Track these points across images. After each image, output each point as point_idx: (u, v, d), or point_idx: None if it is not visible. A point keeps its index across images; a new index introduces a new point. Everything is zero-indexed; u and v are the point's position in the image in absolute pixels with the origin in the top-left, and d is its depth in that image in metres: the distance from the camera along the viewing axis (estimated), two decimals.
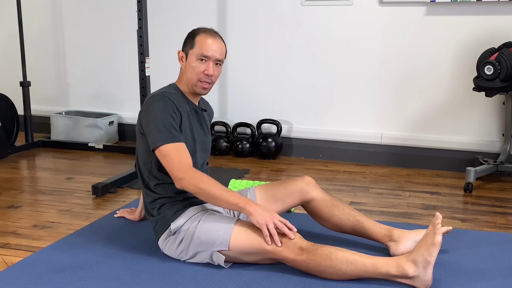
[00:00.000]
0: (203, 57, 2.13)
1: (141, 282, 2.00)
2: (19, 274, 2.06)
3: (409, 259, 1.92)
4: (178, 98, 2.17)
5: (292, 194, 2.28)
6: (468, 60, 3.59)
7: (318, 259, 1.95)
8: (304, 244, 1.98)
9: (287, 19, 3.96)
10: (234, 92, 4.19)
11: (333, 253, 1.95)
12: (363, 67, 3.85)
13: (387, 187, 3.33)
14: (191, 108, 2.22)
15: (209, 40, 2.14)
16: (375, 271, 1.93)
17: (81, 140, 4.26)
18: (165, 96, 2.13)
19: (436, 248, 1.87)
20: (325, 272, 1.96)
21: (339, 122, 3.97)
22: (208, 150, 2.33)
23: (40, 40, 4.61)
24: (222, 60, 2.19)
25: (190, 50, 2.16)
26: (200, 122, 2.28)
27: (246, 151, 4.03)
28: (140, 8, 3.29)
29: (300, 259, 1.97)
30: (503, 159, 3.41)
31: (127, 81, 4.39)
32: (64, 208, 2.86)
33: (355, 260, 1.94)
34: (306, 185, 2.28)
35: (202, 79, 2.15)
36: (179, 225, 2.10)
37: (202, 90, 2.18)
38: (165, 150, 2.05)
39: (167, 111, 2.09)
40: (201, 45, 2.14)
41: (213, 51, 2.14)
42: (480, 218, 2.80)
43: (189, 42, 2.18)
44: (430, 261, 1.89)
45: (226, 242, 2.03)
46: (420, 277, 1.91)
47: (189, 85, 2.19)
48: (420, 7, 3.66)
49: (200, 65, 2.14)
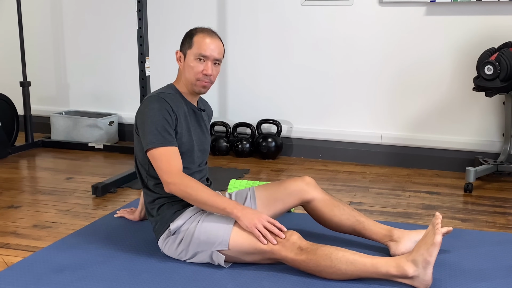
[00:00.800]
0: (201, 57, 2.13)
1: (141, 282, 2.00)
2: (19, 274, 2.06)
3: (409, 259, 1.92)
4: (175, 99, 2.17)
5: (292, 195, 2.28)
6: (468, 60, 3.59)
7: (317, 259, 1.95)
8: (304, 244, 1.98)
9: (287, 19, 3.96)
10: (234, 92, 4.19)
11: (333, 253, 1.95)
12: (363, 67, 3.85)
13: (387, 187, 3.33)
14: (189, 108, 2.22)
15: (207, 40, 2.14)
16: (374, 271, 1.93)
17: (81, 140, 4.26)
18: (161, 97, 2.13)
19: (436, 248, 1.87)
20: (325, 272, 1.96)
21: (339, 122, 3.97)
22: (206, 150, 2.33)
23: (40, 40, 4.61)
24: (221, 60, 2.19)
25: (188, 50, 2.16)
26: (198, 122, 2.28)
27: (246, 151, 4.03)
28: (140, 8, 3.29)
29: (299, 259, 1.97)
30: (503, 159, 3.41)
31: (127, 81, 4.39)
32: (64, 208, 2.86)
33: (354, 260, 1.94)
34: (306, 185, 2.28)
35: (201, 78, 2.15)
36: (178, 225, 2.10)
37: (202, 89, 2.18)
38: (155, 153, 2.06)
39: (161, 113, 2.09)
40: (199, 45, 2.13)
41: (211, 50, 2.14)
42: (480, 218, 2.80)
43: (187, 42, 2.18)
44: (430, 261, 1.88)
45: (226, 242, 2.03)
46: (420, 277, 1.91)
47: (188, 85, 2.19)
48: (420, 7, 3.66)
49: (198, 65, 2.14)
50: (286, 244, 1.97)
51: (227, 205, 2.02)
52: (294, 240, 1.98)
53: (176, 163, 2.07)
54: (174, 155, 2.08)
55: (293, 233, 2.00)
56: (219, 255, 2.06)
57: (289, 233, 2.01)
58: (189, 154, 2.19)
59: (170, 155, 2.07)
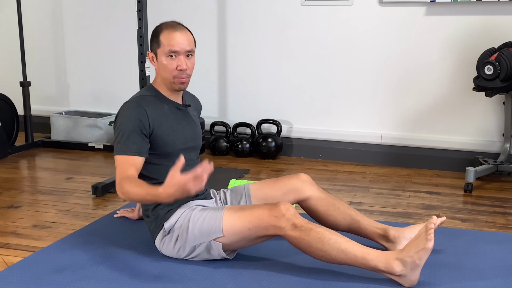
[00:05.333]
0: (172, 53, 2.10)
1: (141, 282, 2.00)
2: (19, 274, 2.06)
3: (398, 257, 1.94)
4: (153, 101, 2.16)
5: (288, 194, 2.27)
6: (468, 60, 3.59)
7: (310, 240, 1.96)
8: (298, 221, 1.98)
9: (287, 19, 3.96)
10: (234, 92, 4.19)
11: (326, 237, 1.96)
12: (363, 67, 3.85)
13: (387, 187, 3.33)
14: (171, 107, 2.20)
15: (174, 34, 2.10)
16: (363, 262, 1.95)
17: (81, 140, 4.26)
18: (137, 102, 2.12)
19: (427, 253, 1.89)
20: (315, 253, 1.98)
21: (339, 122, 3.97)
22: (197, 146, 2.31)
23: (40, 40, 4.61)
24: (193, 50, 2.16)
25: (158, 49, 2.13)
26: (185, 119, 2.25)
27: (246, 151, 4.03)
28: (140, 8, 3.29)
29: (292, 235, 1.97)
30: (503, 159, 3.41)
31: (127, 81, 4.39)
32: (64, 208, 2.86)
33: (346, 249, 1.95)
34: (302, 184, 2.28)
35: (177, 75, 2.12)
36: (172, 223, 2.12)
37: (181, 85, 2.16)
38: (116, 160, 2.08)
39: (132, 120, 2.07)
40: (167, 41, 2.10)
41: (180, 44, 2.10)
42: (480, 218, 2.80)
43: (154, 41, 2.15)
44: (419, 265, 1.91)
45: (219, 228, 2.04)
46: (407, 276, 1.94)
47: (166, 83, 2.17)
48: (420, 7, 3.66)
49: (171, 61, 2.11)
50: (281, 218, 1.97)
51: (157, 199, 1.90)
52: (289, 216, 1.97)
53: (127, 170, 2.02)
54: (129, 165, 2.04)
55: (289, 208, 2.00)
56: (216, 243, 2.06)
57: (285, 207, 1.99)
58: (175, 153, 2.16)
59: (125, 164, 2.05)
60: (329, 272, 2.08)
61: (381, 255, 1.95)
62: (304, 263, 2.15)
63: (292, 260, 2.15)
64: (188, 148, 2.24)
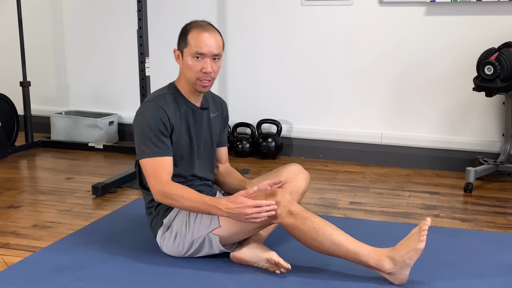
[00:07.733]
0: (199, 54, 2.04)
1: (141, 282, 2.00)
2: (19, 274, 2.06)
3: (390, 255, 1.95)
4: (173, 101, 2.13)
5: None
6: (468, 60, 3.58)
7: (304, 230, 1.96)
8: (294, 208, 1.98)
9: (287, 19, 3.96)
10: (234, 92, 4.19)
11: (321, 228, 1.96)
12: (363, 67, 3.85)
13: (387, 187, 3.33)
14: (188, 108, 2.17)
15: (203, 36, 2.03)
16: (355, 257, 1.96)
17: (81, 140, 4.26)
18: (157, 103, 2.09)
19: (418, 253, 1.90)
20: (308, 243, 1.98)
21: (339, 122, 3.97)
22: (210, 148, 2.27)
23: (40, 40, 4.61)
24: (220, 54, 2.08)
25: (184, 48, 2.08)
26: (201, 121, 2.21)
27: (246, 151, 4.03)
28: (140, 8, 3.29)
29: (286, 221, 1.98)
30: (503, 159, 3.41)
31: (127, 81, 4.39)
32: (64, 208, 2.86)
33: (340, 242, 1.95)
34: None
35: (201, 77, 2.07)
36: (171, 218, 2.13)
37: (202, 89, 2.11)
38: (143, 164, 2.07)
39: (153, 122, 2.05)
40: (195, 42, 2.03)
41: (208, 46, 2.03)
42: (480, 218, 2.80)
43: (182, 40, 2.09)
44: (409, 264, 1.93)
45: (215, 220, 2.05)
46: (397, 275, 1.95)
47: (188, 84, 2.12)
48: (420, 7, 3.66)
49: (196, 63, 2.05)
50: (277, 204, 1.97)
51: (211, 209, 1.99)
52: (285, 203, 1.97)
53: (161, 174, 2.04)
54: (160, 166, 2.05)
55: (284, 195, 1.99)
56: (213, 236, 2.07)
57: (281, 194, 1.99)
58: (187, 156, 2.17)
59: (156, 166, 2.04)
60: (329, 272, 2.08)
61: (372, 251, 1.97)
62: (304, 263, 2.15)
63: (292, 260, 2.15)
64: (205, 149, 2.24)
